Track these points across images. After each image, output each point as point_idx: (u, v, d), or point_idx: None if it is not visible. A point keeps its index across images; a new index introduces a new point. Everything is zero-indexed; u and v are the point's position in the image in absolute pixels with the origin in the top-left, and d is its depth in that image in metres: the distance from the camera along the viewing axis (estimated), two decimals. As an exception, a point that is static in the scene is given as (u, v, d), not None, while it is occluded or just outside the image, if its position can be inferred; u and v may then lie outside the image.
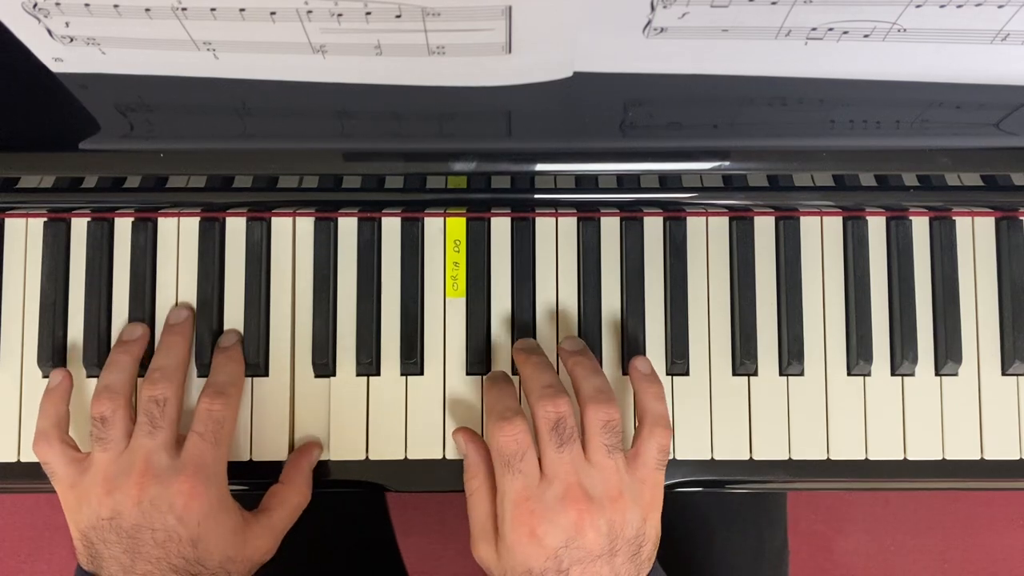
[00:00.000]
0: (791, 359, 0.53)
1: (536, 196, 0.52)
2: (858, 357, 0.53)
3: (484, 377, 0.52)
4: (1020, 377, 0.54)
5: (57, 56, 0.45)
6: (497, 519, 0.46)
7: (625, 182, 0.51)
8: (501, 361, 0.53)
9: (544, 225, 0.54)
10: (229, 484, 0.48)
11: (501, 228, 0.54)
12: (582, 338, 0.53)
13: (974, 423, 0.54)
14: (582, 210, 0.54)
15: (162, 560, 0.44)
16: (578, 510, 0.43)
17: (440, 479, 0.53)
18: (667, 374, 0.53)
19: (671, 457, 0.53)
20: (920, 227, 0.55)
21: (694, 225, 0.54)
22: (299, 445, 0.53)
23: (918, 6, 0.41)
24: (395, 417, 0.53)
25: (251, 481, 0.52)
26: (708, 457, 0.53)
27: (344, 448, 0.53)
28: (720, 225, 0.54)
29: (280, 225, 0.54)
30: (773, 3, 0.41)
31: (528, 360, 0.50)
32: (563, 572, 0.43)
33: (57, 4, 0.41)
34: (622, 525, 0.44)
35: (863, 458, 0.53)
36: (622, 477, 0.45)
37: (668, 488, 0.53)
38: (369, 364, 0.53)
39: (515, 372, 0.53)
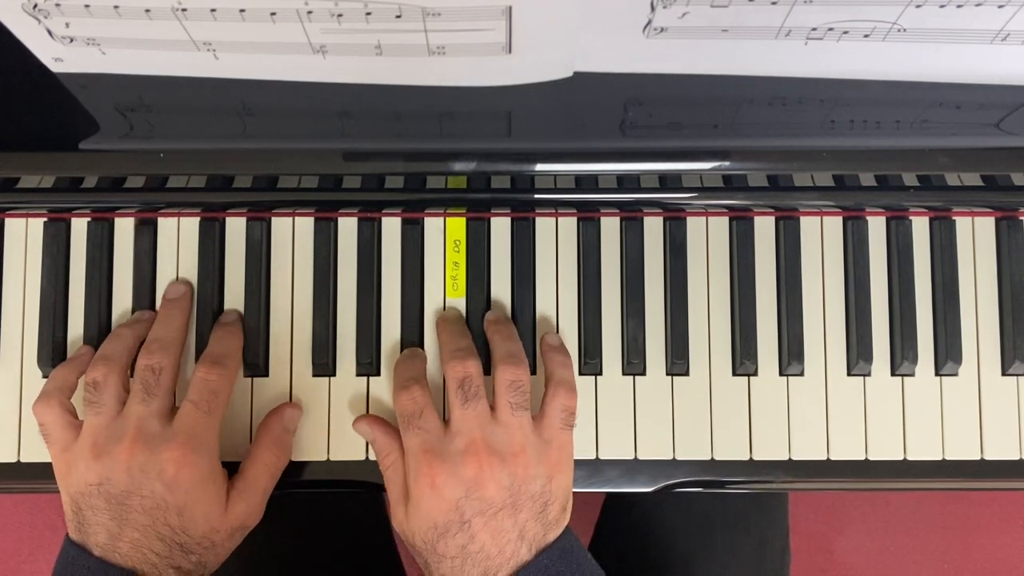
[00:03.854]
0: (791, 359, 0.53)
1: (536, 196, 0.52)
2: (858, 357, 0.53)
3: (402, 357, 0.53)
4: (1020, 377, 0.54)
5: (57, 56, 0.45)
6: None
7: (625, 182, 0.51)
8: (501, 361, 0.53)
9: (544, 225, 0.54)
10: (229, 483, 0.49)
11: (501, 228, 0.54)
12: (582, 338, 0.53)
13: (974, 423, 0.54)
14: (582, 210, 0.54)
15: (149, 528, 0.44)
16: (478, 462, 0.45)
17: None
18: (667, 374, 0.53)
19: (671, 457, 0.53)
20: (920, 227, 0.54)
21: (694, 225, 0.54)
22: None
23: (918, 6, 0.41)
24: (394, 417, 0.53)
25: (251, 481, 0.53)
26: (708, 457, 0.53)
27: (344, 448, 0.53)
28: (720, 225, 0.54)
29: (280, 225, 0.54)
30: (773, 3, 0.41)
31: (446, 327, 0.52)
32: (466, 523, 0.44)
33: (57, 5, 0.41)
34: (524, 480, 0.45)
35: (863, 458, 0.53)
36: (527, 435, 0.47)
37: (668, 488, 0.53)
38: (369, 364, 0.53)
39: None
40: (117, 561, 0.44)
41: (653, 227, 0.54)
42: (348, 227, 0.54)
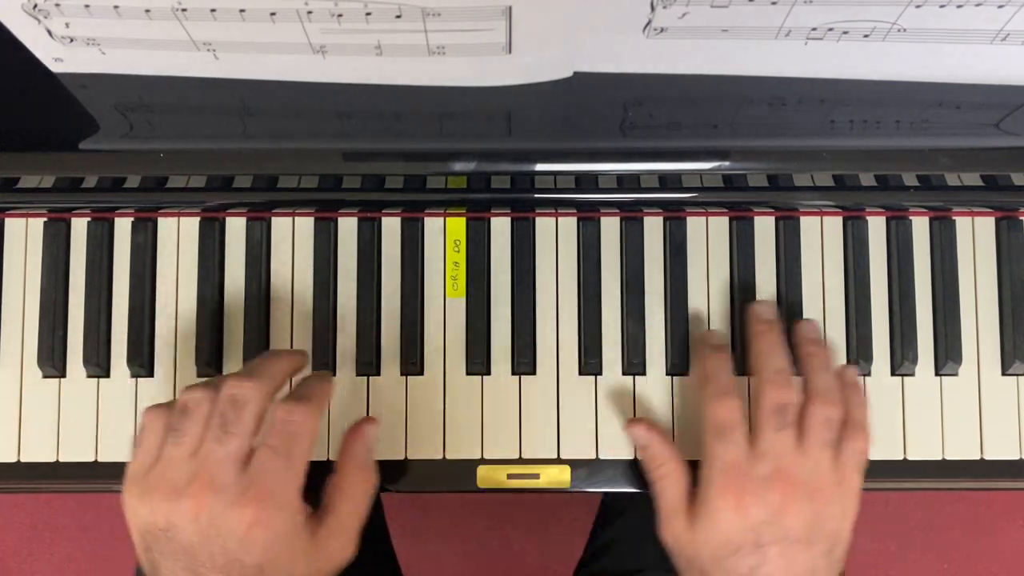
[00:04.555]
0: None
1: (536, 196, 0.52)
2: (858, 357, 0.53)
3: (701, 335, 0.52)
4: (1020, 377, 0.54)
5: (57, 56, 0.45)
6: (690, 495, 0.47)
7: (625, 182, 0.51)
8: (501, 360, 0.53)
9: (544, 225, 0.54)
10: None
11: (501, 228, 0.54)
12: (582, 338, 0.53)
13: (974, 423, 0.54)
14: (582, 210, 0.54)
15: None
16: (783, 490, 0.44)
17: (440, 479, 0.53)
18: (667, 374, 0.53)
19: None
20: (920, 227, 0.54)
21: (694, 225, 0.54)
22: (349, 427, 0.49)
23: (918, 6, 0.41)
24: (395, 417, 0.53)
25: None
26: (708, 457, 0.53)
27: (344, 448, 0.53)
28: (720, 225, 0.54)
29: (280, 225, 0.54)
30: (773, 3, 0.41)
31: (765, 337, 0.50)
32: (761, 547, 0.44)
33: (57, 5, 0.41)
34: (823, 517, 0.45)
35: (863, 458, 0.53)
36: (828, 472, 0.46)
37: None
38: (369, 364, 0.53)
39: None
40: None
41: (653, 227, 0.54)
42: (348, 227, 0.54)
